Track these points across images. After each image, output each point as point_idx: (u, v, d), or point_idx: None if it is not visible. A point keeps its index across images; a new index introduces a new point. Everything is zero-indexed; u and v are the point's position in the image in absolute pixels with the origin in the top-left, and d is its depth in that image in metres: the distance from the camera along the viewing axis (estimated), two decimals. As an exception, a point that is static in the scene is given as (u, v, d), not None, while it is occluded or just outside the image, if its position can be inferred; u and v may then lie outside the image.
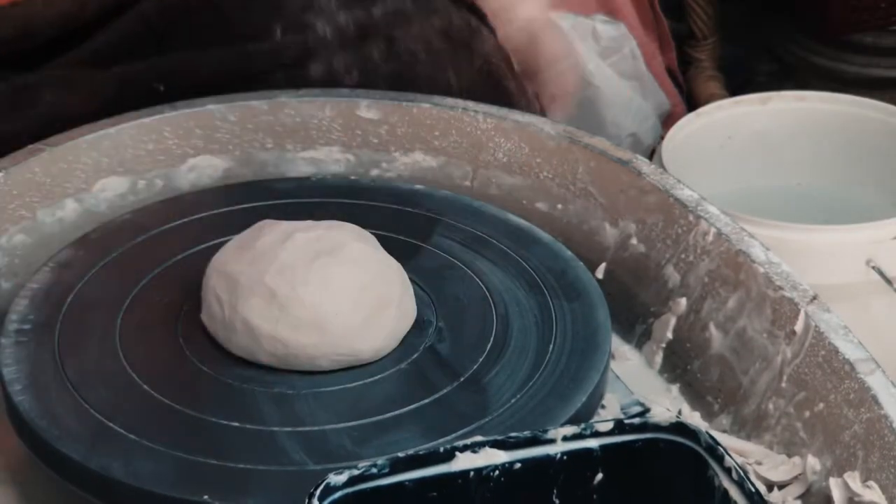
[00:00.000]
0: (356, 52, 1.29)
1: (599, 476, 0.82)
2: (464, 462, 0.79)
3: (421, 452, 0.79)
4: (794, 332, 0.99)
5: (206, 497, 0.85)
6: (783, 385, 0.99)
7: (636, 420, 0.82)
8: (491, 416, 0.92)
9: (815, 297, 1.00)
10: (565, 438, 0.81)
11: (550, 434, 0.80)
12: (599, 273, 1.14)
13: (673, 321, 1.09)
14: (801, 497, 0.95)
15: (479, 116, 1.23)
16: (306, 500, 0.75)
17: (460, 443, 0.80)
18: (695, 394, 1.06)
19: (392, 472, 0.78)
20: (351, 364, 0.96)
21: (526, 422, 0.91)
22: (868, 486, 0.89)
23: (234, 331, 0.96)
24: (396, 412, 0.92)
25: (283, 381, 0.95)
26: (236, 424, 0.91)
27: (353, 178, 1.22)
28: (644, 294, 1.12)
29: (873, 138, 1.63)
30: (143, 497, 0.86)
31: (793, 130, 1.66)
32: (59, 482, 0.90)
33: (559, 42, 1.53)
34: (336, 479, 0.77)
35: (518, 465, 0.80)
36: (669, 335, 1.09)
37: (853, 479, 0.90)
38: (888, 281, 1.39)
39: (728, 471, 0.79)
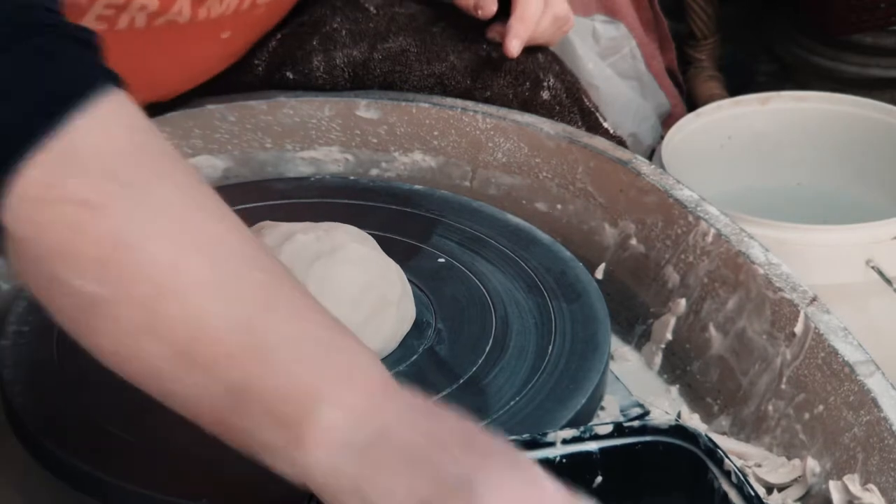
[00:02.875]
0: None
1: (598, 479, 0.81)
2: (463, 464, 0.79)
3: (420, 455, 0.79)
4: (793, 334, 0.99)
5: (204, 500, 0.85)
6: (783, 387, 0.99)
7: (635, 423, 0.81)
8: (490, 418, 0.92)
9: (814, 299, 1.00)
10: (564, 441, 0.80)
11: (550, 437, 0.80)
12: (599, 273, 1.14)
13: (672, 322, 1.09)
14: (800, 499, 0.95)
15: (479, 116, 1.23)
16: (305, 502, 0.75)
17: (459, 445, 0.79)
18: (694, 395, 1.06)
19: (391, 475, 0.78)
20: (350, 365, 0.96)
21: (525, 424, 0.91)
22: (868, 489, 0.89)
23: (232, 332, 0.96)
24: (395, 414, 0.92)
25: (282, 383, 0.95)
26: (235, 426, 0.91)
27: (352, 178, 1.22)
28: (643, 295, 1.12)
29: (873, 138, 1.63)
30: (142, 499, 0.86)
31: (792, 131, 1.67)
32: (57, 484, 0.90)
33: None
34: (335, 481, 0.76)
35: (517, 468, 0.80)
36: (669, 336, 1.09)
37: (853, 482, 0.90)
38: (888, 281, 1.39)
39: (727, 474, 0.79)
